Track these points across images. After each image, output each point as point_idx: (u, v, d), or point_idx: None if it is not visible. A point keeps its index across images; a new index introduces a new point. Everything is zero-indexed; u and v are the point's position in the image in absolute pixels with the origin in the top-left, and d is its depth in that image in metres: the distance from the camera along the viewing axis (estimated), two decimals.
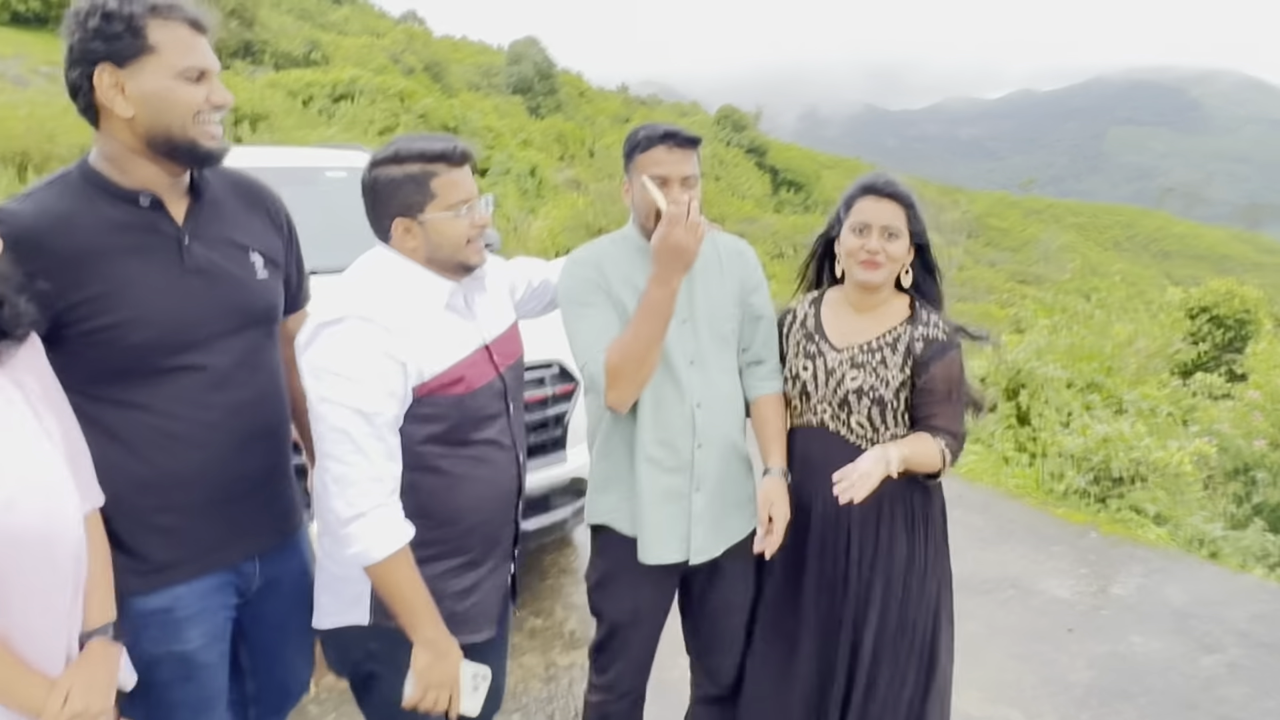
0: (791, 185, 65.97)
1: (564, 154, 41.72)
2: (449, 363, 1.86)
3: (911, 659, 2.34)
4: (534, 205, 22.64)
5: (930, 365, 2.25)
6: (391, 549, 1.76)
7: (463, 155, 1.86)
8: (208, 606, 1.86)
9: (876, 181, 2.27)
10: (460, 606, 1.95)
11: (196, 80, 1.69)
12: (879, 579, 2.30)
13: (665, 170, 2.14)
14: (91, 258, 1.67)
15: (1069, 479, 5.60)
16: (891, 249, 2.24)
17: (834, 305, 2.42)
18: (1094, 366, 7.01)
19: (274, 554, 2.00)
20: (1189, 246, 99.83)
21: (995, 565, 4.67)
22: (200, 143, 1.72)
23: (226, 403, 1.83)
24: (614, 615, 2.38)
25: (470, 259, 1.90)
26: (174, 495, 1.78)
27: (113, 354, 1.69)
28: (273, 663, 2.12)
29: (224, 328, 1.83)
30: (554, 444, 3.77)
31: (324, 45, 41.82)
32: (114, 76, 1.63)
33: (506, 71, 59.62)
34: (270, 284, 1.96)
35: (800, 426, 2.41)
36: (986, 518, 5.24)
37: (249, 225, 1.95)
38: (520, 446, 2.07)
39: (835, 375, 2.31)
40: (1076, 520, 5.27)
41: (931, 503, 2.38)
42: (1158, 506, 5.28)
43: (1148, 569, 4.65)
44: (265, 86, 27.02)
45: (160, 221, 1.76)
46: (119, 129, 1.68)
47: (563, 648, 3.74)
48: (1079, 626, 4.04)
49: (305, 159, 5.16)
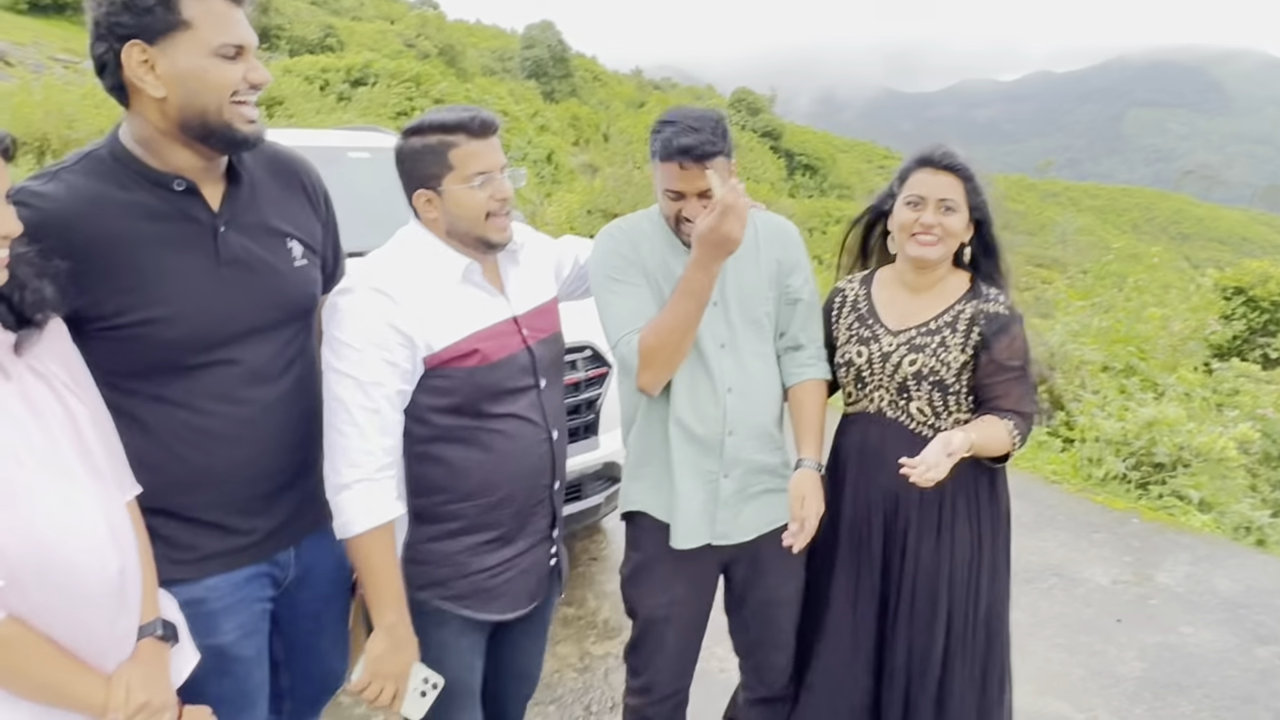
0: (807, 169, 65.59)
1: (579, 138, 41.58)
2: (460, 335, 1.81)
3: (979, 657, 2.24)
4: (550, 190, 22.56)
5: (993, 342, 2.12)
6: (369, 525, 1.74)
7: (482, 126, 1.80)
8: (243, 598, 1.78)
9: (933, 153, 2.15)
10: (490, 583, 1.92)
11: (233, 57, 1.57)
12: (943, 576, 2.18)
13: (680, 187, 2.02)
14: (122, 246, 1.57)
15: (1108, 464, 5.47)
16: (948, 223, 2.11)
17: (887, 285, 2.30)
18: (1129, 350, 6.86)
19: (309, 544, 1.92)
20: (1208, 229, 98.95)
21: (1036, 553, 4.56)
22: (236, 127, 1.60)
23: (262, 398, 1.74)
24: (648, 610, 2.26)
25: (489, 234, 1.84)
26: (208, 491, 1.70)
27: (143, 349, 1.60)
28: (308, 655, 2.05)
29: (260, 322, 1.74)
30: (586, 429, 3.67)
31: (339, 30, 41.83)
32: (144, 54, 1.51)
33: (521, 56, 59.46)
34: (308, 273, 1.86)
35: (855, 414, 2.30)
36: (1024, 504, 5.12)
37: (286, 209, 1.85)
38: (554, 425, 1.99)
39: (892, 360, 2.18)
40: (1117, 507, 5.14)
41: (997, 493, 2.27)
42: (1202, 493, 5.14)
43: (1194, 557, 4.52)
44: (281, 72, 26.99)
45: (195, 208, 1.66)
46: (150, 110, 1.56)
47: (597, 637, 3.65)
48: (1127, 616, 3.93)
49: (327, 140, 5.07)
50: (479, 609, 1.92)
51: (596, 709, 3.20)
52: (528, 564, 1.99)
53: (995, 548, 2.25)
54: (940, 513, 2.19)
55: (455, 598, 1.90)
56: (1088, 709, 3.28)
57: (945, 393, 2.16)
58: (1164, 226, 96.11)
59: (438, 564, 1.89)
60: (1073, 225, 60.92)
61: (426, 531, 1.89)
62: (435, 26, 48.43)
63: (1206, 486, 5.18)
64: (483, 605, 1.92)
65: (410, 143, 1.82)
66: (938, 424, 2.18)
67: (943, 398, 2.16)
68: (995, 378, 2.14)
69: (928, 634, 2.20)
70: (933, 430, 2.18)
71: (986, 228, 2.20)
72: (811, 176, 64.51)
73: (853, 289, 2.35)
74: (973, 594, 2.21)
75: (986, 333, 2.13)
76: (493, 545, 1.91)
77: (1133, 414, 5.63)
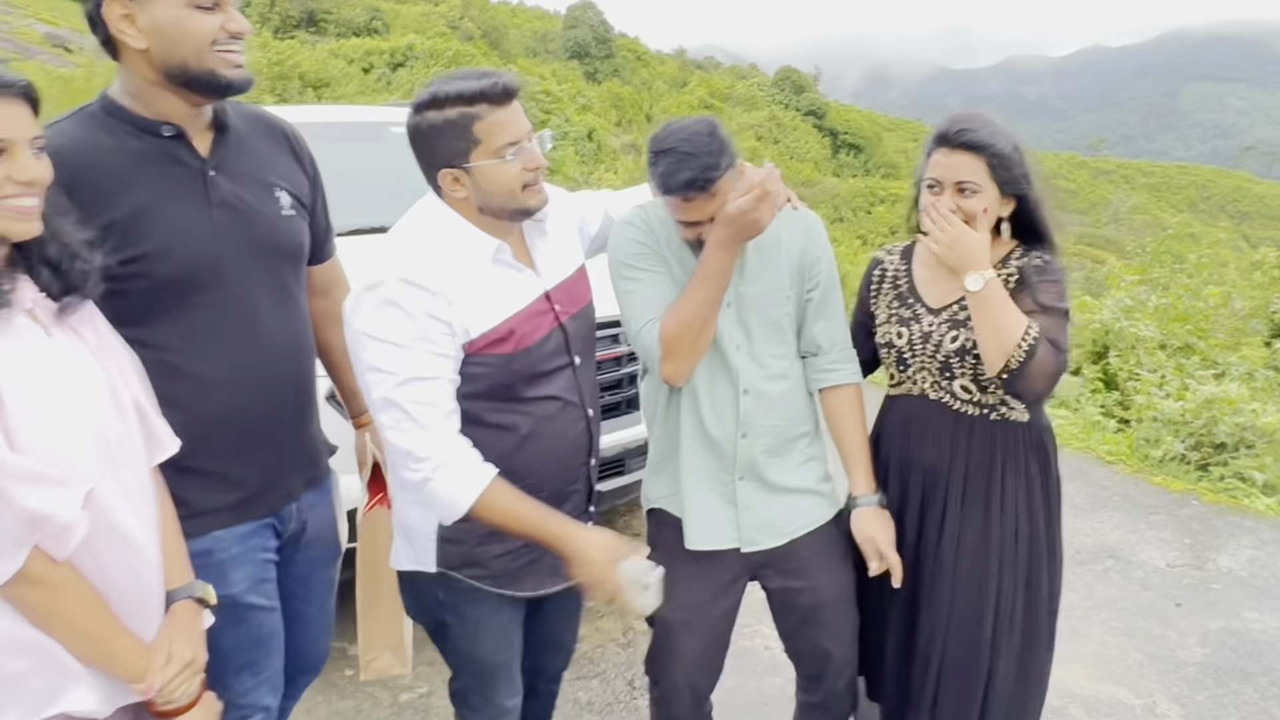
0: (851, 148, 64.90)
1: (621, 119, 41.50)
2: (497, 320, 1.74)
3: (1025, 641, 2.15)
4: (591, 170, 22.53)
5: (1025, 284, 1.99)
6: (473, 497, 1.67)
7: (504, 91, 1.66)
8: (249, 548, 1.81)
9: (948, 130, 1.98)
10: (518, 561, 1.86)
11: (210, 8, 1.61)
12: (992, 554, 2.09)
13: (688, 218, 1.90)
14: (116, 186, 1.62)
15: (1166, 445, 5.30)
16: (968, 206, 1.96)
17: (925, 260, 2.18)
18: (1187, 328, 6.64)
19: (310, 500, 1.96)
20: (1269, 207, 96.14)
21: (1091, 534, 4.43)
22: (219, 71, 1.64)
23: (256, 344, 1.77)
24: (665, 612, 2.05)
25: (529, 203, 1.75)
26: (207, 438, 1.71)
27: (137, 289, 1.62)
28: (294, 622, 1.99)
29: (251, 263, 1.76)
30: (627, 404, 3.63)
31: (385, 14, 42.12)
32: (124, 8, 1.57)
33: (563, 36, 59.42)
34: (297, 223, 1.89)
35: (898, 396, 2.21)
36: (1078, 485, 4.98)
37: (274, 163, 1.89)
38: (589, 402, 1.94)
39: (933, 339, 2.08)
40: (1175, 488, 4.98)
41: (1049, 468, 2.16)
42: (1266, 475, 4.96)
43: (1258, 540, 4.37)
44: (328, 55, 27.29)
45: (183, 153, 1.70)
46: (135, 61, 1.62)
47: None
48: (1187, 601, 3.80)
49: (369, 115, 5.07)
50: (510, 586, 1.88)
51: (640, 684, 3.17)
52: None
53: (1051, 526, 2.15)
54: (989, 487, 2.09)
55: (488, 576, 1.86)
56: (1145, 694, 3.18)
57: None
58: (1221, 205, 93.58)
59: (470, 543, 1.84)
60: (1126, 204, 59.47)
61: None
62: (479, 8, 48.58)
63: (1271, 468, 5.00)
64: (513, 583, 1.88)
65: (426, 118, 1.67)
66: (982, 399, 2.08)
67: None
68: (1030, 309, 1.96)
69: (974, 616, 2.10)
70: (977, 407, 2.09)
71: (1027, 204, 2.03)
72: (856, 155, 63.84)
73: (892, 262, 2.24)
74: (1023, 573, 2.11)
75: (1023, 282, 2.00)
76: None
77: (1192, 393, 5.44)
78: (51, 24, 25.54)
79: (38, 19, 25.59)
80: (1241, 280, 8.70)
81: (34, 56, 17.12)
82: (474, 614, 1.88)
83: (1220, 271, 7.96)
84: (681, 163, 1.81)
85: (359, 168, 4.23)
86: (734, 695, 3.05)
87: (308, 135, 2.03)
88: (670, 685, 2.15)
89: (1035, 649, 2.17)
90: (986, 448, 2.09)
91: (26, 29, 23.55)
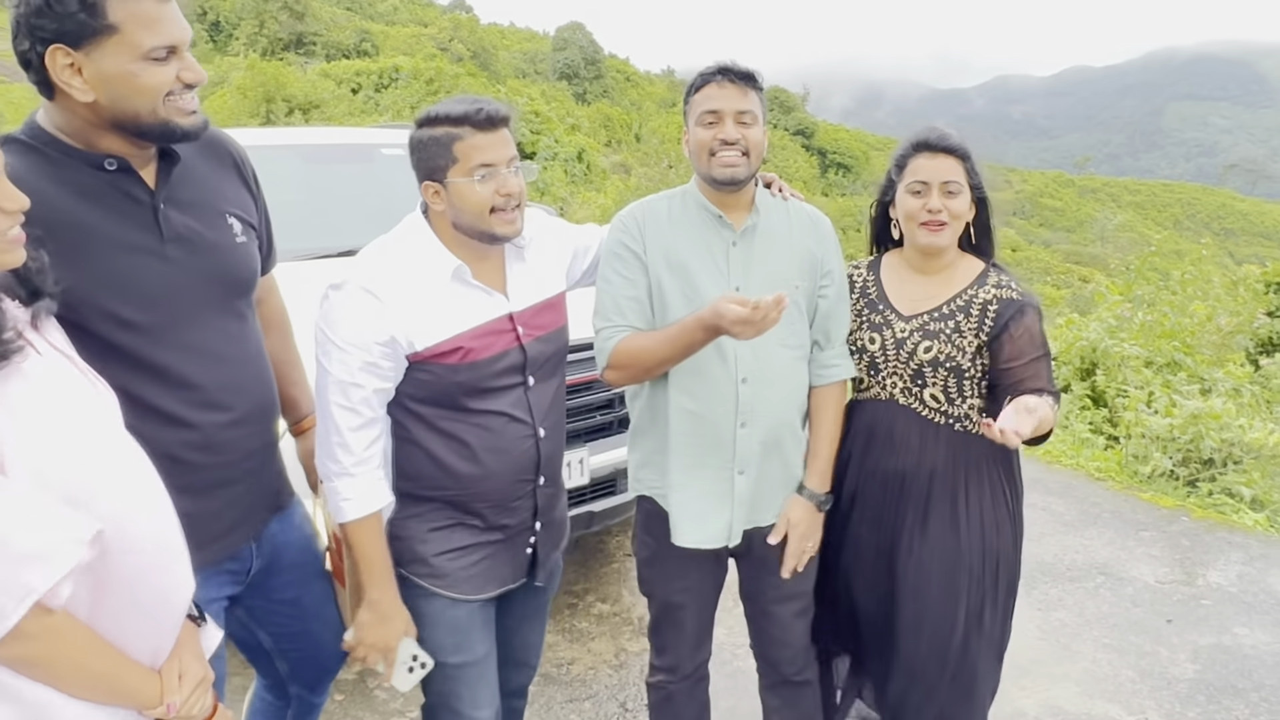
0: (840, 167, 65.31)
1: (610, 139, 41.68)
2: (444, 336, 1.82)
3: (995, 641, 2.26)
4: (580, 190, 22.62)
5: (1010, 325, 2.08)
6: (352, 516, 1.82)
7: (488, 119, 1.78)
8: (201, 598, 1.71)
9: (929, 136, 2.13)
10: (454, 563, 1.94)
11: (164, 58, 1.49)
12: (962, 557, 2.16)
13: (718, 105, 2.01)
14: (63, 226, 1.48)
15: (1155, 461, 5.32)
16: (954, 206, 2.09)
17: (895, 269, 2.27)
18: (1173, 345, 6.68)
19: (270, 533, 1.91)
20: (1253, 224, 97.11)
21: (1081, 551, 4.44)
22: (174, 122, 1.54)
23: (218, 378, 1.69)
24: (664, 594, 2.29)
25: (495, 228, 1.83)
26: (175, 479, 1.60)
27: (96, 333, 1.52)
28: (297, 639, 2.04)
29: (210, 299, 1.69)
30: (620, 424, 3.63)
31: (374, 35, 42.24)
32: (69, 58, 1.44)
33: (553, 58, 59.70)
34: (249, 249, 1.82)
35: (866, 400, 2.26)
36: (1068, 501, 4.99)
37: (221, 187, 1.80)
38: (542, 422, 1.98)
39: (906, 346, 2.15)
40: (1165, 504, 5.00)
41: (1014, 473, 2.24)
42: (1254, 490, 4.98)
43: (1247, 556, 4.38)
44: (317, 77, 27.35)
45: (132, 187, 1.59)
46: (78, 108, 1.50)
47: (632, 634, 3.60)
48: (1178, 617, 3.81)
49: (360, 137, 5.09)
50: (449, 588, 1.95)
51: (632, 706, 3.15)
52: (498, 555, 2.00)
53: (1014, 526, 2.23)
54: (954, 494, 2.17)
55: (430, 575, 1.94)
56: (1138, 711, 3.18)
57: (961, 378, 2.13)
58: (1206, 222, 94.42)
59: (415, 540, 1.94)
60: (1112, 221, 59.98)
61: (407, 510, 1.94)
62: (469, 30, 48.81)
63: (1259, 484, 5.02)
64: (453, 585, 1.95)
65: (420, 133, 1.82)
66: (950, 409, 2.16)
67: (958, 383, 2.14)
68: (1015, 362, 2.09)
69: (945, 622, 2.17)
70: (945, 417, 2.16)
71: (985, 207, 2.18)
72: (845, 175, 64.23)
73: (860, 274, 2.31)
74: (990, 579, 2.19)
75: (1001, 317, 2.09)
76: (465, 532, 1.95)
77: (1179, 409, 5.47)
78: None
79: None
80: (1226, 296, 8.77)
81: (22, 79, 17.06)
82: (428, 609, 1.95)
83: (1205, 288, 8.00)
84: (722, 63, 2.03)
85: (350, 189, 4.25)
86: (729, 715, 3.05)
87: (298, 157, 2.03)
88: (675, 655, 2.32)
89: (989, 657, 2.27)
90: (950, 455, 2.17)
91: None
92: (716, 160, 2.01)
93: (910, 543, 2.18)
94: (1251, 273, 9.84)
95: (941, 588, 2.16)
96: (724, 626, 3.32)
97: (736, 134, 1.99)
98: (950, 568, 2.15)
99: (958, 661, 2.18)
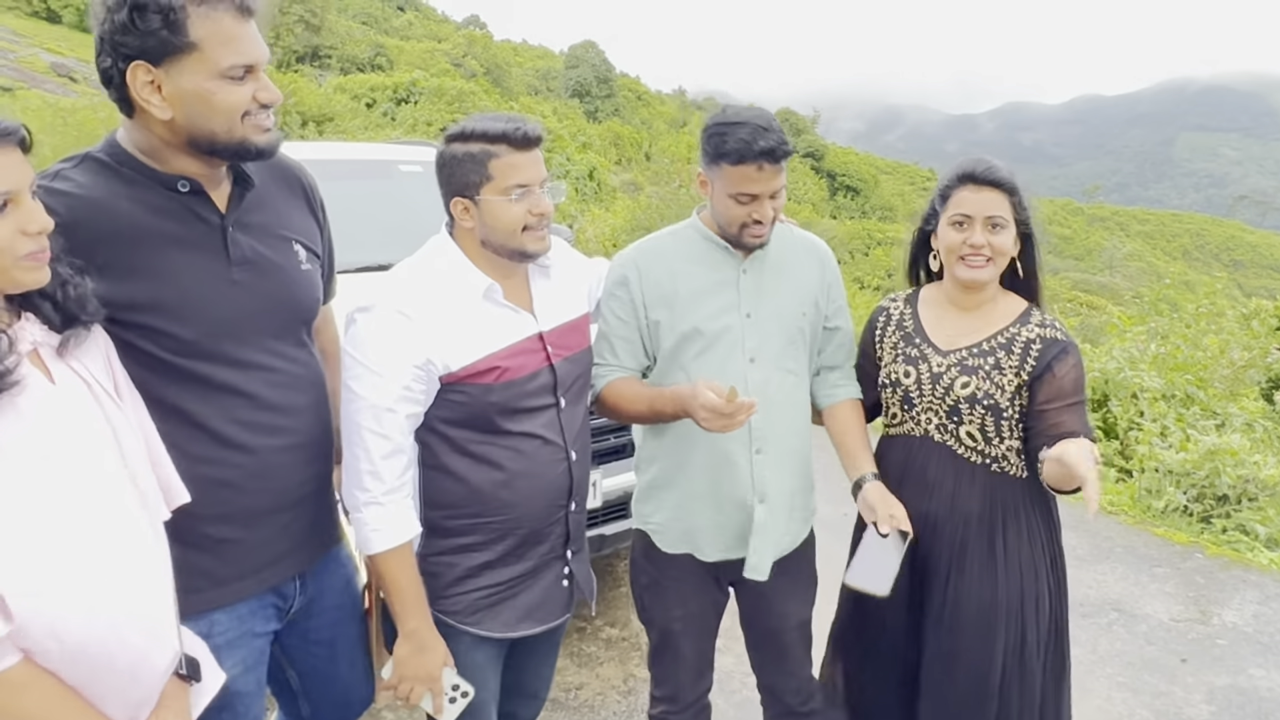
0: (849, 190, 65.39)
1: (621, 157, 41.83)
2: (478, 355, 1.80)
3: (1037, 687, 2.14)
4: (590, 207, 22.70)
5: (1053, 366, 2.02)
6: (382, 546, 1.77)
7: (525, 138, 1.77)
8: (246, 632, 1.73)
9: (976, 168, 2.05)
10: (489, 600, 1.90)
11: (241, 78, 1.51)
12: (999, 603, 2.08)
13: (757, 190, 1.97)
14: (134, 243, 1.52)
15: (1169, 496, 5.27)
16: (997, 242, 2.02)
17: (934, 304, 2.21)
18: (1187, 378, 6.65)
19: (317, 570, 1.88)
20: (1262, 256, 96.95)
21: (1094, 586, 4.39)
22: (251, 140, 1.56)
23: (275, 403, 1.69)
24: (663, 622, 2.27)
25: (526, 246, 1.82)
26: (228, 503, 1.64)
27: (157, 352, 1.54)
28: (325, 684, 1.99)
29: (273, 324, 1.70)
30: (632, 447, 3.61)
31: (389, 50, 42.55)
32: (149, 75, 1.46)
33: (565, 75, 60.04)
34: (313, 277, 1.83)
35: (898, 435, 2.21)
36: (1080, 535, 4.95)
37: (290, 214, 1.81)
38: (574, 444, 1.96)
39: (943, 381, 2.09)
40: (1179, 540, 4.95)
41: (1051, 514, 2.17)
42: (1269, 528, 4.93)
43: (1263, 595, 4.33)
44: (332, 90, 27.53)
45: (203, 209, 1.61)
46: (156, 126, 1.52)
47: (640, 660, 3.56)
48: (1193, 656, 3.76)
49: (379, 153, 5.10)
50: (483, 625, 1.90)
51: None
52: (535, 584, 1.96)
53: (1056, 571, 2.15)
54: (991, 538, 2.09)
55: (460, 613, 1.89)
56: None
57: (999, 417, 2.06)
58: (1215, 253, 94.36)
59: (445, 580, 1.88)
60: (1121, 251, 59.92)
61: (436, 544, 1.88)
62: (482, 46, 49.14)
63: (1274, 521, 4.96)
64: (486, 621, 1.90)
65: (452, 149, 1.80)
66: (987, 449, 2.09)
67: (995, 422, 2.07)
68: (1054, 404, 2.02)
69: (983, 663, 2.09)
70: (982, 456, 2.09)
71: (1033, 244, 2.11)
72: (853, 198, 64.31)
73: (897, 307, 2.27)
74: (1032, 619, 2.10)
75: (1043, 358, 2.03)
76: (499, 564, 1.90)
77: (1194, 443, 5.43)
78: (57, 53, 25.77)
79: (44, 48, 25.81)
80: (1240, 330, 8.72)
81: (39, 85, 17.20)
82: (451, 650, 1.88)
83: (1218, 321, 7.96)
84: (761, 133, 1.92)
85: (368, 205, 4.25)
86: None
87: (316, 172, 2.02)
88: (677, 683, 2.29)
89: (1050, 697, 2.17)
90: (987, 498, 2.10)
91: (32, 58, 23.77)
92: (748, 231, 2.03)
93: (944, 589, 2.12)
94: (1265, 306, 9.81)
95: (977, 634, 2.09)
96: (732, 655, 3.29)
97: (771, 213, 2.00)
98: (986, 615, 2.08)
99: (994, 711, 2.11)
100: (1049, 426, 2.01)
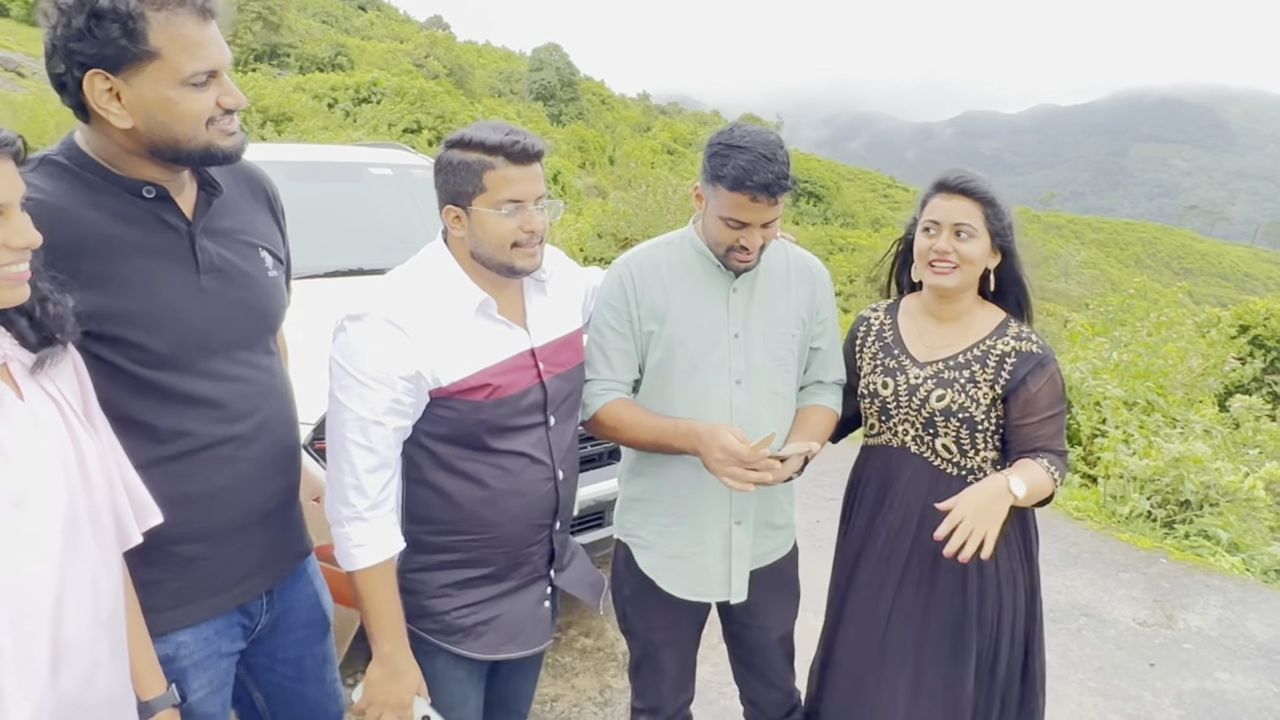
0: (811, 196, 65.85)
1: (585, 161, 41.75)
2: (470, 370, 1.75)
3: (1014, 697, 2.18)
4: None
5: (1028, 380, 2.03)
6: (363, 563, 1.72)
7: (522, 152, 1.71)
8: (213, 652, 1.67)
9: (949, 177, 2.07)
10: (467, 620, 1.86)
11: (204, 84, 1.44)
12: (970, 614, 2.09)
13: (748, 218, 1.92)
14: (100, 251, 1.45)
15: (1133, 502, 5.35)
16: (964, 249, 2.02)
17: (913, 315, 2.21)
18: (1148, 385, 6.76)
19: (284, 587, 1.82)
20: (1212, 265, 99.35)
21: (1063, 592, 4.44)
22: (216, 145, 1.49)
23: (244, 412, 1.63)
24: (644, 634, 2.26)
25: (515, 262, 1.77)
26: (198, 520, 1.58)
27: (125, 365, 1.48)
28: (293, 703, 1.93)
29: (242, 334, 1.64)
30: (609, 455, 3.58)
31: (349, 49, 42.09)
32: (107, 83, 1.38)
33: (529, 78, 59.82)
34: (279, 284, 1.78)
35: (877, 446, 2.21)
36: (1048, 541, 4.99)
37: (255, 220, 1.76)
38: (562, 463, 1.91)
39: (919, 393, 2.09)
40: (1143, 546, 5.02)
41: (1027, 526, 2.17)
42: (1230, 533, 5.02)
43: (1226, 600, 4.41)
44: (291, 89, 27.15)
45: (169, 215, 1.54)
46: (115, 134, 1.45)
47: (617, 670, 3.53)
48: (1160, 661, 3.81)
49: (349, 156, 5.00)
50: (463, 645, 1.86)
51: None
52: (516, 604, 1.92)
53: (1031, 582, 2.17)
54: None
55: (440, 631, 1.85)
56: None
57: (974, 430, 2.07)
58: (1167, 261, 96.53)
59: (425, 595, 1.84)
60: (1076, 258, 60.89)
61: (417, 560, 1.84)
62: (445, 47, 48.79)
63: (1235, 527, 5.06)
64: (466, 641, 1.86)
65: (450, 154, 1.74)
66: (963, 461, 2.10)
67: (970, 435, 2.07)
68: (1029, 418, 2.04)
69: (956, 674, 2.11)
70: (957, 468, 2.10)
71: (1012, 258, 2.10)
72: (816, 204, 64.77)
73: (877, 318, 2.27)
74: (1007, 630, 2.13)
75: (1017, 371, 2.04)
76: (480, 582, 1.86)
77: (1158, 450, 5.52)
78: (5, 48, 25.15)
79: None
80: (1198, 338, 8.90)
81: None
82: (430, 668, 1.85)
83: (1179, 330, 8.11)
84: (762, 164, 1.86)
85: (337, 209, 4.17)
86: None
87: (285, 175, 1.94)
88: (658, 694, 2.29)
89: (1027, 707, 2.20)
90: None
91: None
92: (734, 256, 1.98)
93: (913, 600, 2.12)
94: (1221, 316, 10.04)
95: (946, 646, 2.10)
96: (709, 664, 3.27)
97: (760, 242, 1.96)
98: (959, 626, 2.09)
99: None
100: (1025, 440, 2.04)
